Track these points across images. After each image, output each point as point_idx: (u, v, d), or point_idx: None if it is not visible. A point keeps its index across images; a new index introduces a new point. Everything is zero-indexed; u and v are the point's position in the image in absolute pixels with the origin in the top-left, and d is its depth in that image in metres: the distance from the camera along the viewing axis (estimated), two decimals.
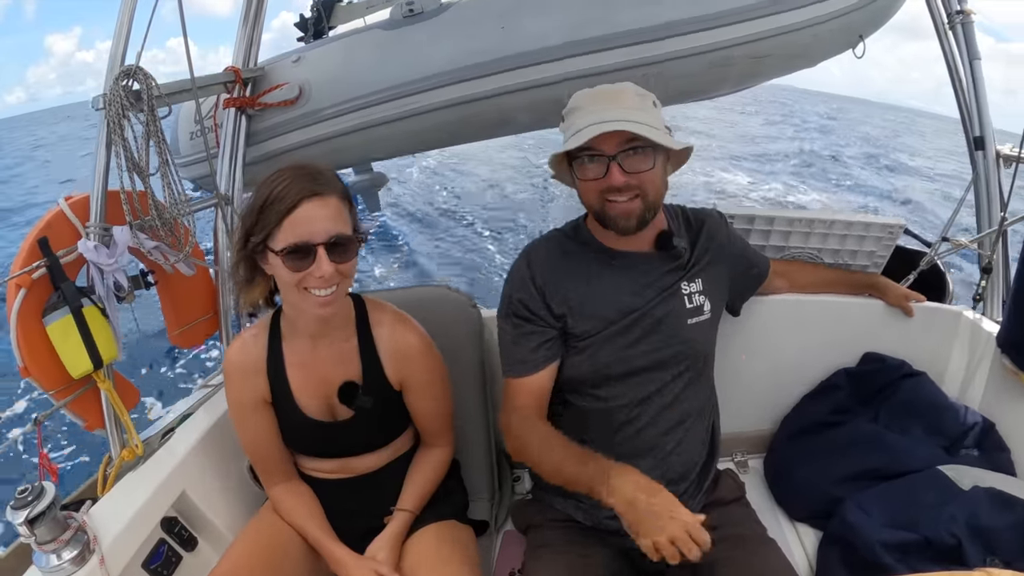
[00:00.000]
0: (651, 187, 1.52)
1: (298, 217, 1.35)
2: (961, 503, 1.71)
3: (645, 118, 1.47)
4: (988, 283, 2.35)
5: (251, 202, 1.41)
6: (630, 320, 1.63)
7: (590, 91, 1.57)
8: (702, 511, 1.67)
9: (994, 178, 2.39)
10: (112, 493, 1.69)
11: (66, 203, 1.94)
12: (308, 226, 1.35)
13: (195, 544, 1.84)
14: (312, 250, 1.36)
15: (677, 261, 1.69)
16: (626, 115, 1.47)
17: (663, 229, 1.69)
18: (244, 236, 1.42)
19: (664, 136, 1.49)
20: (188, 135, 3.94)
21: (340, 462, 1.72)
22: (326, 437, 1.66)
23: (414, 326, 1.69)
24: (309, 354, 1.62)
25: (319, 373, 1.62)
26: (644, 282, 1.65)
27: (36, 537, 1.36)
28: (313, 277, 1.37)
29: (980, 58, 2.43)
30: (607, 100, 1.52)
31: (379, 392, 1.64)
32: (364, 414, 1.62)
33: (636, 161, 1.48)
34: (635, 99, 1.53)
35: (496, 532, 2.12)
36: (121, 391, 2.01)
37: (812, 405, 2.30)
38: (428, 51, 3.37)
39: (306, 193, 1.36)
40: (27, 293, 1.79)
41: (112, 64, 1.94)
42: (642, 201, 1.52)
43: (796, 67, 3.40)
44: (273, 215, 1.35)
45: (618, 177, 1.49)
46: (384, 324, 1.66)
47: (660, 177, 1.55)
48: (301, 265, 1.36)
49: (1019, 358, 1.95)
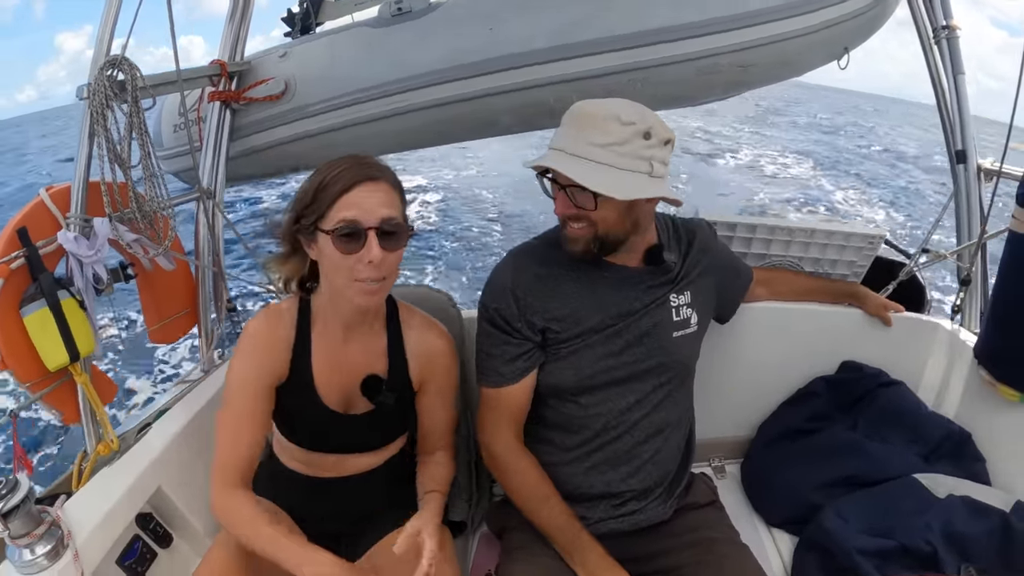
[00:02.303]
0: (601, 223, 1.48)
1: (351, 199, 1.36)
2: (937, 511, 1.73)
3: (603, 155, 1.40)
4: (967, 295, 2.38)
5: (306, 185, 1.42)
6: (614, 331, 1.62)
7: (576, 110, 1.48)
8: (674, 515, 1.69)
9: (975, 191, 2.42)
10: (87, 488, 1.66)
11: (47, 193, 1.92)
12: (360, 208, 1.36)
13: (170, 541, 1.82)
14: (363, 233, 1.35)
15: (667, 275, 1.68)
16: (581, 149, 1.41)
17: (653, 244, 1.67)
18: (295, 217, 1.43)
19: (613, 181, 1.40)
20: (172, 128, 3.91)
21: (336, 459, 1.69)
22: (336, 430, 1.64)
23: (443, 330, 1.70)
24: (337, 344, 1.60)
25: (344, 364, 1.60)
26: (632, 294, 1.63)
27: (10, 531, 1.34)
28: (363, 263, 1.36)
29: (964, 73, 2.46)
30: (580, 126, 1.44)
31: (400, 388, 1.64)
32: (382, 410, 1.61)
33: (582, 198, 1.44)
34: (613, 128, 1.41)
35: (472, 533, 2.11)
36: (98, 385, 1.99)
37: (790, 412, 2.31)
38: (415, 50, 3.36)
39: (361, 177, 1.37)
40: (4, 283, 1.77)
41: (97, 54, 1.93)
42: (592, 231, 1.50)
43: (783, 76, 3.42)
44: (327, 196, 1.36)
45: (561, 208, 1.50)
46: (414, 326, 1.67)
47: (612, 217, 1.48)
48: (351, 248, 1.36)
49: (996, 369, 1.98)
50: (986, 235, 2.30)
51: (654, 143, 1.43)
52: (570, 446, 1.68)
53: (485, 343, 1.67)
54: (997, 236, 2.22)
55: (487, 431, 1.68)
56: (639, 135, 1.41)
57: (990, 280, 2.33)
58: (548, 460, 1.68)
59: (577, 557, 1.51)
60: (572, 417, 1.67)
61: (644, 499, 1.68)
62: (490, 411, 1.68)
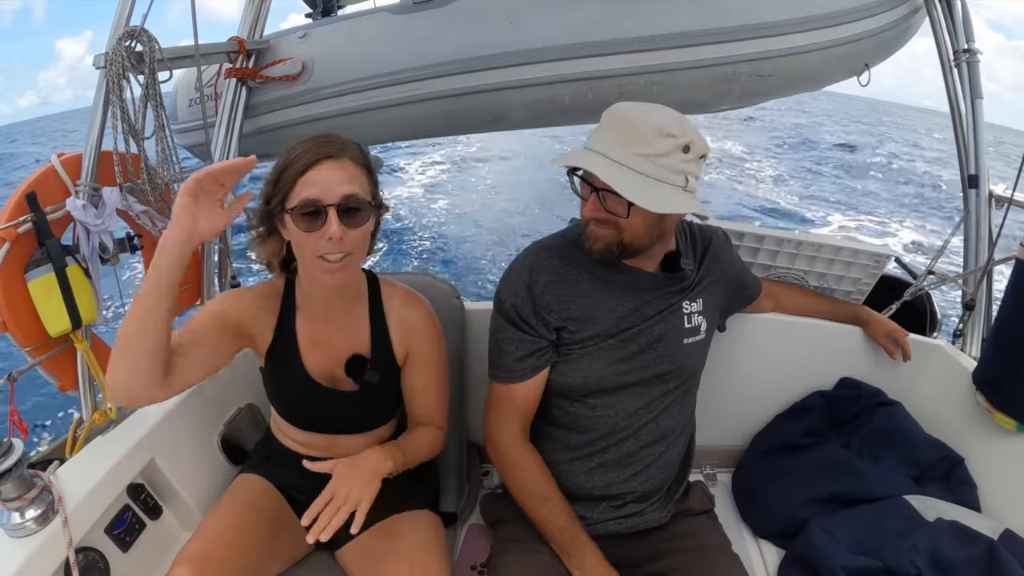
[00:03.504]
0: (628, 230, 1.48)
1: (311, 178, 1.38)
2: (924, 534, 1.72)
3: (642, 165, 1.38)
4: (969, 320, 2.37)
5: (275, 167, 1.44)
6: (627, 335, 1.61)
7: (619, 113, 1.45)
8: (671, 520, 1.70)
9: (984, 217, 2.41)
10: (80, 455, 1.67)
11: (58, 159, 1.92)
12: (320, 186, 1.37)
13: (160, 513, 1.83)
14: (323, 210, 1.37)
15: (682, 282, 1.68)
16: (621, 155, 1.39)
17: (671, 251, 1.67)
18: (265, 200, 1.44)
19: (650, 193, 1.38)
20: (187, 102, 3.91)
21: (329, 439, 1.71)
22: (321, 405, 1.66)
23: (423, 301, 1.72)
24: (320, 324, 1.63)
25: (328, 344, 1.63)
26: (646, 299, 1.63)
27: (1, 494, 1.35)
28: (323, 239, 1.38)
29: (982, 97, 2.45)
30: (622, 132, 1.41)
31: (384, 367, 1.65)
32: (367, 389, 1.63)
33: (614, 203, 1.43)
34: (655, 141, 1.38)
35: (460, 525, 2.12)
36: (98, 353, 2.00)
37: (785, 425, 2.31)
38: (435, 39, 3.36)
39: (320, 155, 1.39)
40: (11, 247, 1.78)
41: (116, 24, 1.93)
42: (616, 234, 1.49)
43: (800, 89, 3.40)
44: (289, 176, 1.39)
45: (590, 211, 1.48)
46: (396, 299, 1.69)
47: (640, 225, 1.48)
48: (313, 226, 1.38)
49: (993, 396, 1.97)
50: (993, 261, 2.29)
51: (691, 157, 1.42)
52: (575, 446, 1.68)
53: (498, 337, 1.67)
54: (1004, 263, 2.21)
55: (494, 426, 1.69)
56: (679, 149, 1.40)
57: (994, 307, 2.33)
58: (553, 458, 1.69)
59: (574, 559, 1.52)
60: (579, 417, 1.67)
61: (644, 502, 1.69)
62: (498, 407, 1.68)
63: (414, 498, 1.76)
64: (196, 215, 1.25)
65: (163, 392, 1.38)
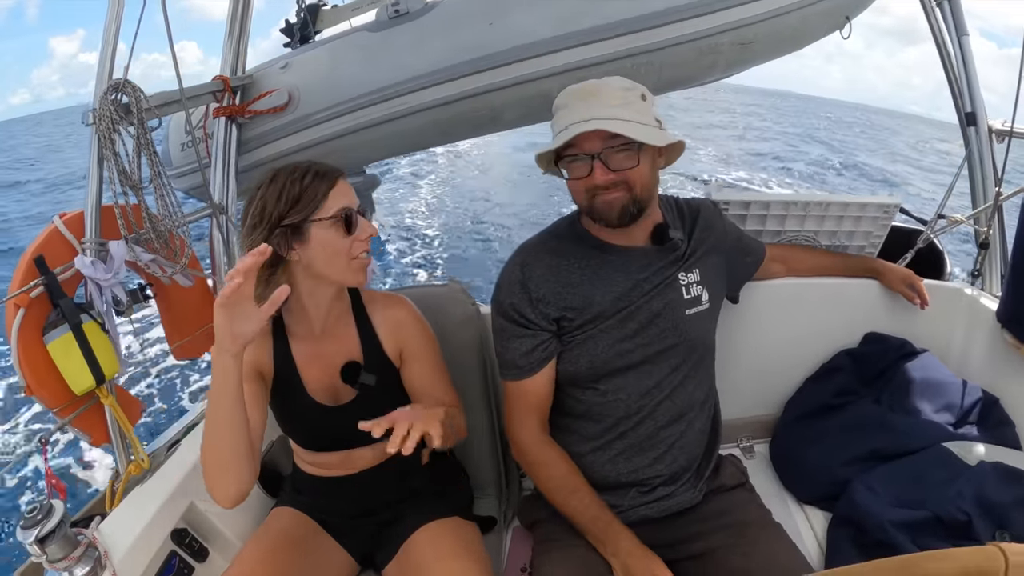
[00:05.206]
0: (638, 183, 1.51)
1: (340, 189, 1.51)
2: (968, 479, 1.71)
3: (628, 114, 1.47)
4: (986, 258, 2.36)
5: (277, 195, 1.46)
6: (626, 313, 1.62)
7: (575, 87, 1.56)
8: (704, 499, 1.69)
9: (987, 153, 2.39)
10: (121, 508, 1.69)
11: (60, 220, 1.94)
12: (348, 197, 1.52)
13: (206, 555, 1.83)
14: (356, 216, 1.51)
15: (674, 253, 1.68)
16: (608, 112, 1.46)
17: (659, 223, 1.68)
18: (276, 222, 1.46)
19: (650, 132, 1.48)
20: (179, 146, 3.92)
21: (342, 455, 1.72)
22: (331, 423, 1.67)
23: (404, 300, 1.77)
24: (313, 341, 1.65)
25: (323, 358, 1.65)
26: (641, 276, 1.63)
27: (47, 556, 1.36)
28: (360, 240, 1.51)
29: (968, 34, 2.44)
30: (590, 96, 1.50)
31: (380, 369, 1.66)
32: (367, 392, 1.63)
33: (620, 159, 1.47)
34: (620, 94, 1.51)
35: (505, 528, 2.12)
36: (124, 405, 2.01)
37: (815, 388, 2.30)
38: (416, 51, 3.35)
39: (338, 172, 1.53)
40: (26, 312, 1.80)
41: (100, 78, 1.94)
42: (628, 193, 1.51)
43: (784, 51, 3.37)
44: (319, 190, 1.48)
45: (601, 176, 1.49)
46: (377, 302, 1.73)
47: (647, 173, 1.53)
48: (350, 230, 1.50)
49: (1020, 331, 1.96)
50: (1001, 196, 2.27)
51: (650, 103, 1.55)
52: (593, 435, 1.68)
53: (501, 337, 1.69)
54: (1013, 197, 2.19)
55: (513, 424, 1.71)
56: (639, 98, 1.53)
57: (1008, 242, 2.30)
58: (574, 450, 1.69)
59: (609, 546, 1.52)
60: (592, 405, 1.67)
61: (673, 484, 1.67)
62: (514, 404, 1.70)
63: (438, 508, 1.76)
64: (233, 320, 1.26)
65: None
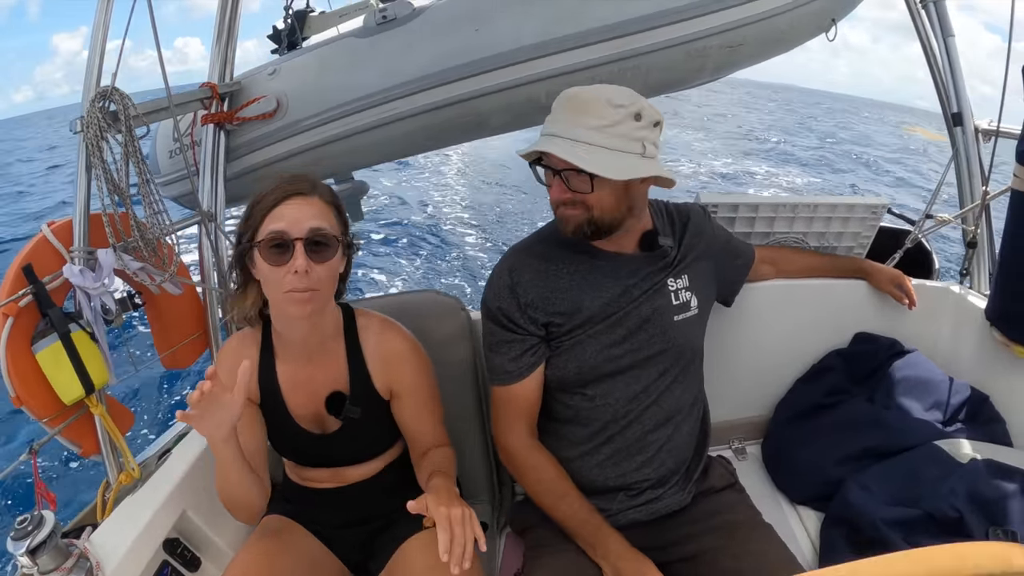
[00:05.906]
0: (595, 206, 1.49)
1: (278, 212, 1.40)
2: (960, 476, 1.72)
3: (601, 139, 1.42)
4: (974, 257, 2.37)
5: (248, 207, 1.46)
6: (615, 319, 1.61)
7: (572, 94, 1.48)
8: (693, 501, 1.69)
9: (974, 153, 2.40)
10: (112, 518, 1.67)
11: (48, 229, 1.93)
12: (288, 220, 1.39)
13: (198, 564, 1.82)
14: (290, 244, 1.38)
15: (664, 259, 1.68)
16: (577, 133, 1.42)
17: (648, 229, 1.67)
18: (237, 239, 1.46)
19: (609, 163, 1.42)
20: (167, 153, 3.90)
21: (332, 471, 1.71)
22: (317, 450, 1.66)
23: (400, 330, 1.70)
24: (300, 367, 1.62)
25: (309, 385, 1.62)
26: (630, 282, 1.63)
27: (38, 567, 1.35)
28: (289, 273, 1.38)
29: (954, 35, 2.45)
30: (576, 111, 1.45)
31: (367, 402, 1.63)
32: (352, 425, 1.62)
33: (578, 182, 1.45)
34: (608, 112, 1.43)
35: (498, 534, 2.12)
36: (115, 415, 2.00)
37: (806, 388, 2.31)
38: (403, 57, 3.35)
39: (290, 192, 1.42)
40: (14, 321, 1.78)
41: (88, 86, 1.93)
42: (585, 213, 1.49)
43: (772, 53, 3.38)
44: (259, 211, 1.41)
45: (557, 193, 1.50)
46: (371, 330, 1.67)
47: (607, 199, 1.49)
48: (280, 260, 1.38)
49: (1008, 329, 1.97)
50: (988, 196, 2.29)
51: (644, 124, 1.46)
52: (581, 439, 1.68)
53: (490, 341, 1.68)
54: (1000, 196, 2.20)
55: (501, 429, 1.69)
56: (630, 117, 1.44)
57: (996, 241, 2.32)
58: (562, 455, 1.68)
59: (599, 550, 1.52)
60: (580, 410, 1.67)
61: (661, 487, 1.68)
62: (502, 409, 1.69)
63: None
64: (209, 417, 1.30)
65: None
